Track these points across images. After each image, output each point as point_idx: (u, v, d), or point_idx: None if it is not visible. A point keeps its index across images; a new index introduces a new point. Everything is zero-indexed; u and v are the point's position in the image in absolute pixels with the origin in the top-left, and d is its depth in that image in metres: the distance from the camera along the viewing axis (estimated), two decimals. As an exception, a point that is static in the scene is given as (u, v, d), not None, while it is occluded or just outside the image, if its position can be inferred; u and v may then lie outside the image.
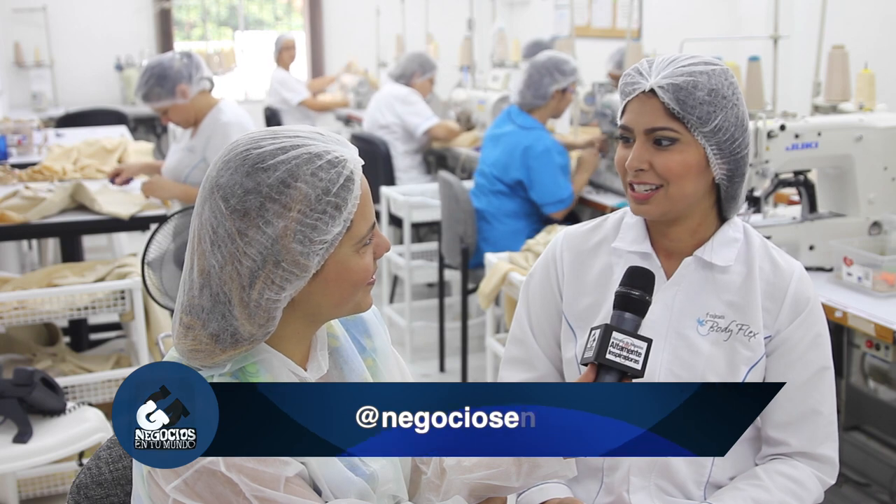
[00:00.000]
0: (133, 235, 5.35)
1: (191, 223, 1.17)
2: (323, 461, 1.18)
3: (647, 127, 1.48)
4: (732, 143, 1.47)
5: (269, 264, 1.11)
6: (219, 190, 1.12)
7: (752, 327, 1.52)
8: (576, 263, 1.62)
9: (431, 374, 4.20)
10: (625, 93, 1.52)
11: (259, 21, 9.22)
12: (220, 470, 1.09)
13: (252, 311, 1.12)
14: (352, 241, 1.15)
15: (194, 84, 3.35)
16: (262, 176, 1.11)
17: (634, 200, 1.52)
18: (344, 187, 1.13)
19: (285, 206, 1.11)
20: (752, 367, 1.51)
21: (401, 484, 1.30)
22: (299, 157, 1.12)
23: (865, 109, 2.91)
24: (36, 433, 2.42)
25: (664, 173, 1.47)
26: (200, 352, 1.15)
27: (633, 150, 1.50)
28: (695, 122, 1.45)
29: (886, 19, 4.31)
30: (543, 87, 3.81)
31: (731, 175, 1.50)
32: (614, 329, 1.29)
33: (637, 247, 1.57)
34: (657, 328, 1.51)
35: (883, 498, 2.71)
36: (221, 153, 1.15)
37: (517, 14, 8.18)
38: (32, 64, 7.48)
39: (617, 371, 1.29)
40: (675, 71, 1.46)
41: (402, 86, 5.17)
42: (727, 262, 1.53)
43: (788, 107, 2.67)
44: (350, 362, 1.29)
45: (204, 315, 1.14)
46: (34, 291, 2.94)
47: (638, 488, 1.53)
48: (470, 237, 3.81)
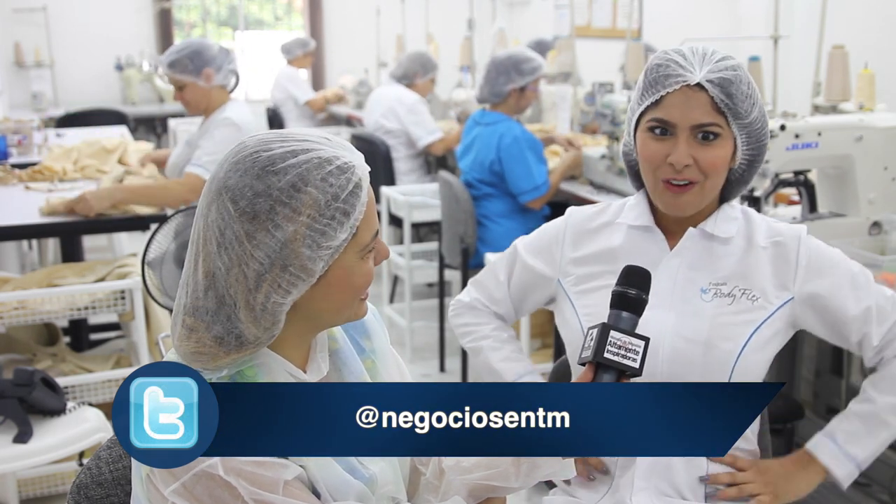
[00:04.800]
0: (133, 235, 5.35)
1: (194, 224, 1.16)
2: (321, 464, 1.17)
3: (694, 123, 1.47)
4: (761, 133, 1.51)
5: (277, 268, 1.11)
6: (227, 192, 1.11)
7: (755, 291, 1.55)
8: (579, 235, 1.66)
9: (431, 374, 4.20)
10: (662, 85, 1.48)
11: (259, 21, 9.22)
12: (219, 474, 1.08)
13: (258, 314, 1.12)
14: (356, 247, 1.15)
15: (220, 74, 3.39)
16: (272, 179, 1.10)
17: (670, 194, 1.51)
18: (353, 194, 1.13)
19: (295, 210, 1.10)
20: (757, 327, 1.53)
21: (400, 486, 1.29)
22: (310, 162, 1.11)
23: (865, 109, 2.91)
24: (36, 433, 2.42)
25: (707, 169, 1.48)
26: (204, 354, 1.14)
27: (677, 146, 1.48)
28: (740, 115, 1.47)
29: (886, 19, 4.31)
30: (499, 86, 3.84)
31: (752, 161, 1.53)
32: (612, 328, 1.29)
33: (641, 221, 1.60)
34: (662, 297, 1.54)
35: (883, 498, 2.71)
36: (228, 154, 1.15)
37: (517, 14, 8.18)
38: (32, 64, 7.48)
39: (615, 370, 1.29)
40: (718, 65, 1.46)
41: (408, 90, 5.15)
42: (729, 235, 1.57)
43: (788, 107, 2.67)
44: (349, 364, 1.28)
45: (208, 317, 1.13)
46: (34, 291, 2.94)
47: (639, 489, 1.54)
48: (470, 237, 3.82)
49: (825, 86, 3.22)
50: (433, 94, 5.55)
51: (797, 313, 1.57)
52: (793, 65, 4.42)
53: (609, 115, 3.79)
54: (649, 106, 1.50)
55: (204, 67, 3.36)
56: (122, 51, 7.73)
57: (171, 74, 3.36)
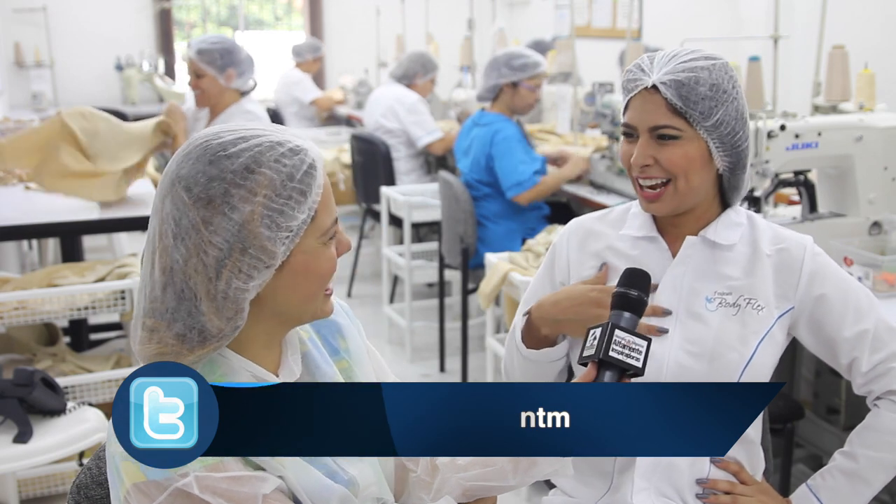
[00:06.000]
0: (133, 235, 5.35)
1: (150, 223, 1.14)
2: (300, 471, 1.16)
3: (650, 125, 1.50)
4: (734, 137, 1.50)
5: (236, 252, 1.09)
6: (180, 181, 1.10)
7: (760, 301, 1.54)
8: (582, 245, 1.66)
9: (431, 374, 4.20)
10: (627, 89, 1.54)
11: (259, 21, 9.22)
12: (195, 493, 1.06)
13: (220, 303, 1.10)
14: (316, 232, 1.15)
15: (240, 79, 3.50)
16: (225, 163, 1.10)
17: (645, 199, 1.55)
18: (307, 174, 1.13)
19: (251, 190, 1.10)
20: (761, 339, 1.53)
21: (384, 486, 1.28)
22: (261, 145, 1.12)
23: (865, 109, 2.91)
24: (36, 433, 2.42)
25: (669, 167, 1.50)
26: (167, 354, 1.12)
27: (637, 147, 1.52)
28: (697, 118, 1.47)
29: (886, 19, 4.31)
30: (490, 80, 3.89)
31: (733, 167, 1.53)
32: (616, 327, 1.29)
33: (644, 232, 1.60)
34: (667, 307, 1.54)
35: (883, 498, 2.71)
36: (180, 149, 1.14)
37: (517, 14, 8.18)
38: (32, 64, 7.48)
39: (618, 369, 1.29)
40: (677, 67, 1.48)
41: (407, 89, 5.15)
42: (731, 242, 1.56)
43: (788, 107, 2.67)
44: (321, 367, 1.27)
45: (168, 315, 1.11)
46: (34, 291, 2.94)
47: (640, 489, 1.54)
48: (470, 237, 3.82)
49: (825, 86, 3.22)
50: (433, 94, 5.55)
51: (794, 323, 1.57)
52: (793, 65, 4.42)
53: (609, 115, 3.79)
54: (624, 111, 1.55)
55: (229, 67, 3.44)
56: (122, 51, 7.73)
57: (197, 61, 3.41)
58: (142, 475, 1.07)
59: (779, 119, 2.41)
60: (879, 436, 1.55)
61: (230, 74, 3.45)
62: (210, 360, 1.16)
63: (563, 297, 1.60)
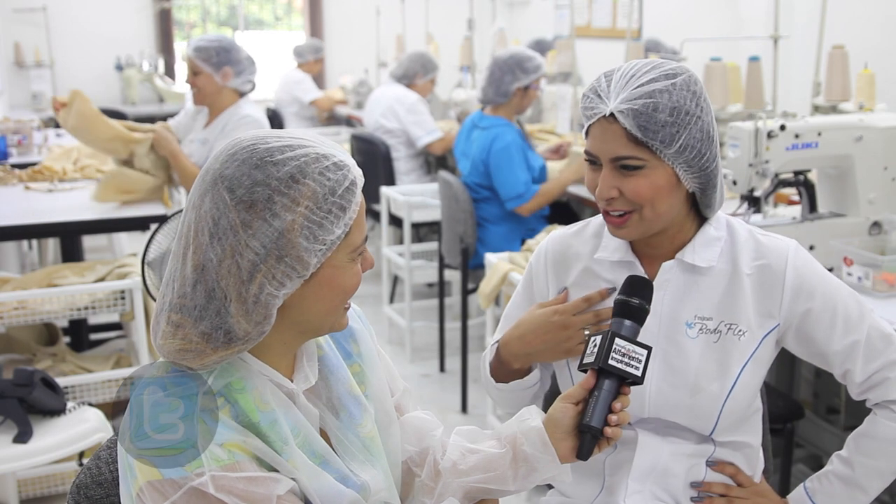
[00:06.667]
0: (133, 235, 5.36)
1: (183, 217, 1.14)
2: (313, 475, 1.16)
3: (611, 155, 1.43)
4: (700, 159, 1.42)
5: (272, 258, 1.09)
6: (223, 181, 1.10)
7: (741, 325, 1.49)
8: (558, 268, 1.62)
9: (431, 374, 4.20)
10: (585, 116, 1.45)
11: (259, 21, 9.22)
12: (210, 492, 1.06)
13: (250, 307, 1.10)
14: (348, 248, 1.15)
15: (237, 78, 3.49)
16: (271, 169, 1.10)
17: (612, 225, 1.49)
18: (348, 190, 1.13)
19: (294, 200, 1.09)
20: (744, 365, 1.50)
21: (393, 491, 1.29)
22: (308, 156, 1.12)
23: (865, 109, 2.92)
24: (36, 433, 2.42)
25: (634, 198, 1.43)
26: (190, 351, 1.11)
27: (600, 179, 1.45)
28: (658, 146, 1.39)
29: (886, 19, 4.31)
30: (505, 85, 3.85)
31: (704, 187, 1.46)
32: (617, 335, 1.29)
33: (619, 256, 1.55)
34: (646, 334, 1.47)
35: (883, 498, 2.71)
36: (224, 147, 1.14)
37: (517, 14, 8.18)
38: (32, 64, 7.47)
39: (617, 377, 1.28)
40: (633, 93, 1.39)
41: (407, 89, 5.15)
42: (709, 263, 1.51)
43: (788, 107, 2.66)
44: (336, 372, 1.27)
45: (196, 312, 1.10)
46: (34, 291, 2.94)
47: (633, 492, 1.53)
48: (470, 237, 3.82)
49: (825, 86, 3.23)
50: (433, 94, 5.55)
51: (781, 337, 1.54)
52: (793, 65, 4.42)
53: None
54: (586, 137, 1.48)
55: (225, 65, 3.44)
56: (122, 51, 7.73)
57: (193, 58, 3.42)
58: (157, 472, 1.07)
59: (779, 119, 2.41)
60: (877, 444, 1.54)
61: (226, 73, 3.45)
62: (229, 363, 1.15)
63: (527, 331, 1.58)
